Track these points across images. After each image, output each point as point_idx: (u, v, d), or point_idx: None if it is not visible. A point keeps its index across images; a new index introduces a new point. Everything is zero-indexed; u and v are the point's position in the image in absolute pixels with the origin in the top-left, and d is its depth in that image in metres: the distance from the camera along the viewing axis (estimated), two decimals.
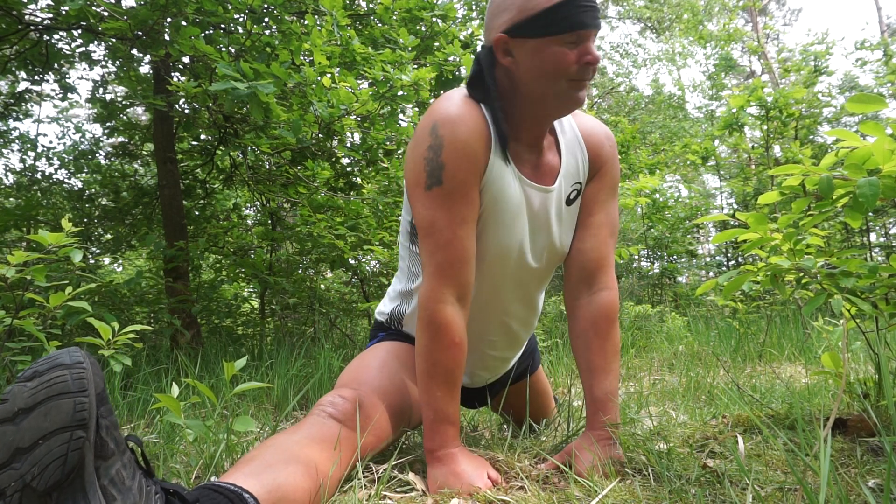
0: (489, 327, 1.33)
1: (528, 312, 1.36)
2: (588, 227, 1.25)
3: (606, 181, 1.27)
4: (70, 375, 0.71)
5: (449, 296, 1.09)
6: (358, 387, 1.16)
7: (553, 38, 1.06)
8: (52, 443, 0.67)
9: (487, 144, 1.12)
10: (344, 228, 3.70)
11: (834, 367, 1.40)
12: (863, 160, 1.06)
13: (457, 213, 1.09)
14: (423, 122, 1.13)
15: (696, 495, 0.91)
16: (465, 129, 1.09)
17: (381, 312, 1.43)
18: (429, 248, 1.11)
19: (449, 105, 1.11)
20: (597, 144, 1.26)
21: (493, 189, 1.13)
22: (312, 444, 1.00)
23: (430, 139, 1.10)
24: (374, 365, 1.24)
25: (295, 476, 0.92)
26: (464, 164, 1.09)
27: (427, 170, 1.10)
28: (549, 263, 1.28)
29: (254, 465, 0.91)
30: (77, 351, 0.75)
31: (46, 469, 0.66)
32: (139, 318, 4.02)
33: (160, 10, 2.55)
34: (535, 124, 1.17)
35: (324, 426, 1.04)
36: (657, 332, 4.52)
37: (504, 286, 1.27)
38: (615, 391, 1.17)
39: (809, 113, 6.74)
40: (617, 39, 39.77)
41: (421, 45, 3.56)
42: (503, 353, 1.42)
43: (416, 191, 1.12)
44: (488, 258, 1.20)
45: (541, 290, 1.35)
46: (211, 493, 0.81)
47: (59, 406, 0.68)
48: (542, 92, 1.10)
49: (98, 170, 5.12)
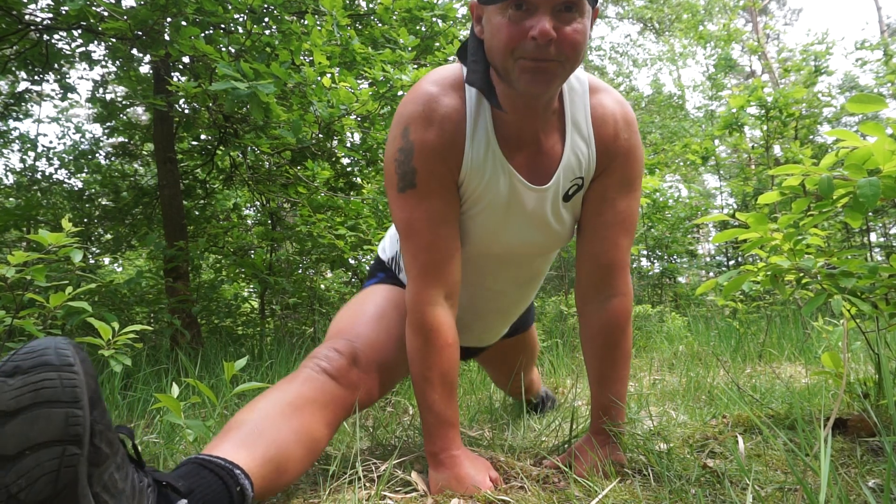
0: (482, 307, 1.32)
1: (526, 291, 1.32)
2: (596, 227, 1.13)
3: (616, 178, 1.11)
4: (60, 381, 0.65)
5: (437, 297, 1.06)
6: (354, 338, 1.12)
7: (495, 6, 0.93)
8: (42, 456, 0.63)
9: (462, 140, 1.04)
10: (344, 228, 3.70)
11: (834, 367, 1.40)
12: (863, 160, 1.06)
13: (435, 212, 1.05)
14: (398, 112, 1.07)
15: (696, 495, 0.91)
16: (435, 131, 1.02)
17: (384, 250, 1.38)
18: (411, 250, 1.07)
19: (421, 99, 1.04)
20: (608, 138, 1.10)
21: (475, 182, 1.07)
22: (305, 405, 0.97)
23: (401, 141, 1.04)
24: (371, 313, 1.20)
25: (287, 445, 0.90)
26: (437, 167, 1.03)
27: (399, 172, 1.05)
28: (547, 250, 1.21)
29: (245, 432, 0.88)
30: (65, 345, 0.68)
31: (36, 483, 0.62)
32: (139, 318, 4.02)
33: (160, 10, 2.55)
34: (521, 105, 1.03)
35: (316, 383, 1.02)
36: (657, 332, 4.52)
37: (498, 277, 1.24)
38: (622, 397, 1.15)
39: (809, 113, 6.74)
40: (617, 39, 39.72)
41: (421, 45, 3.55)
42: (499, 329, 1.42)
43: (391, 192, 1.08)
44: (478, 251, 1.17)
45: (542, 269, 1.30)
46: (201, 472, 0.79)
47: (49, 416, 0.63)
48: (501, 66, 0.96)
49: (98, 170, 5.11)
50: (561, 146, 1.09)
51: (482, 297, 1.30)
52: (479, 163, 1.06)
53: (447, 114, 1.03)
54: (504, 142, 1.07)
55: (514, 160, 1.08)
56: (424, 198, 1.04)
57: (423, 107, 1.03)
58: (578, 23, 0.92)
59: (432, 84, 1.06)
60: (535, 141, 1.08)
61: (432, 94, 1.04)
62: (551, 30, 0.89)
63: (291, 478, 0.93)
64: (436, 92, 1.04)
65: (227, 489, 0.80)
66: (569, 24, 0.91)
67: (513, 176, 1.08)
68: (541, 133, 1.08)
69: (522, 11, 0.91)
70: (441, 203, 1.05)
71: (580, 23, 0.92)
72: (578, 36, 0.92)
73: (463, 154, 1.05)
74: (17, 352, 0.67)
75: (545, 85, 0.95)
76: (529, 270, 1.28)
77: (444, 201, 1.06)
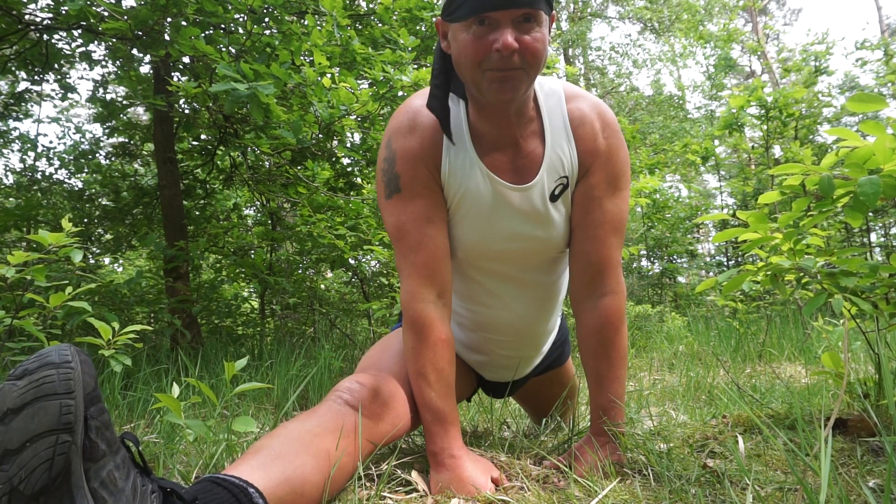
0: (491, 326, 1.30)
1: (533, 310, 1.29)
2: (586, 226, 1.15)
3: (602, 176, 1.13)
4: (58, 375, 0.69)
5: (428, 294, 1.10)
6: (377, 372, 1.13)
7: (459, 23, 1.00)
8: (39, 446, 0.66)
9: (440, 146, 1.11)
10: (344, 228, 3.70)
11: (834, 367, 1.39)
12: (863, 159, 1.06)
13: (420, 213, 1.11)
14: (388, 126, 1.16)
15: (696, 495, 0.91)
16: (414, 139, 1.11)
17: None
18: (402, 250, 1.12)
19: (404, 113, 1.13)
20: (587, 136, 1.13)
21: (454, 186, 1.12)
22: (325, 433, 0.96)
23: (385, 151, 1.14)
24: (395, 349, 1.21)
25: (304, 468, 0.89)
26: (419, 171, 1.10)
27: (384, 180, 1.13)
28: (541, 253, 1.20)
29: (262, 456, 0.88)
30: (66, 348, 0.73)
31: (33, 473, 0.65)
32: (139, 318, 4.02)
33: (160, 10, 2.55)
34: (493, 114, 1.09)
35: (338, 414, 1.01)
36: (657, 332, 4.52)
37: (496, 284, 1.24)
38: (621, 397, 1.15)
39: (809, 113, 6.74)
40: (617, 39, 39.73)
41: (421, 45, 3.56)
42: (518, 352, 1.36)
43: (381, 201, 1.16)
44: (471, 258, 1.18)
45: (549, 284, 1.28)
46: (213, 488, 0.79)
47: (46, 408, 0.67)
48: (470, 79, 1.03)
49: (98, 170, 5.12)
50: (542, 148, 1.13)
51: (491, 315, 1.28)
52: (457, 167, 1.12)
53: (427, 123, 1.11)
54: (481, 148, 1.13)
55: (493, 164, 1.12)
56: (409, 200, 1.11)
57: (407, 119, 1.12)
58: (537, 31, 0.99)
59: (418, 97, 1.15)
60: (514, 145, 1.13)
61: (416, 107, 1.13)
62: (514, 41, 0.96)
63: (309, 501, 0.90)
64: (419, 104, 1.13)
65: None
66: (528, 33, 0.98)
67: (492, 179, 1.11)
68: (519, 138, 1.13)
69: (485, 27, 0.98)
70: (426, 203, 1.11)
71: (539, 31, 0.99)
72: (538, 44, 0.99)
73: (441, 156, 1.12)
74: (28, 359, 0.73)
75: (512, 91, 1.01)
76: (533, 284, 1.25)
77: (430, 202, 1.11)
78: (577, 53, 16.03)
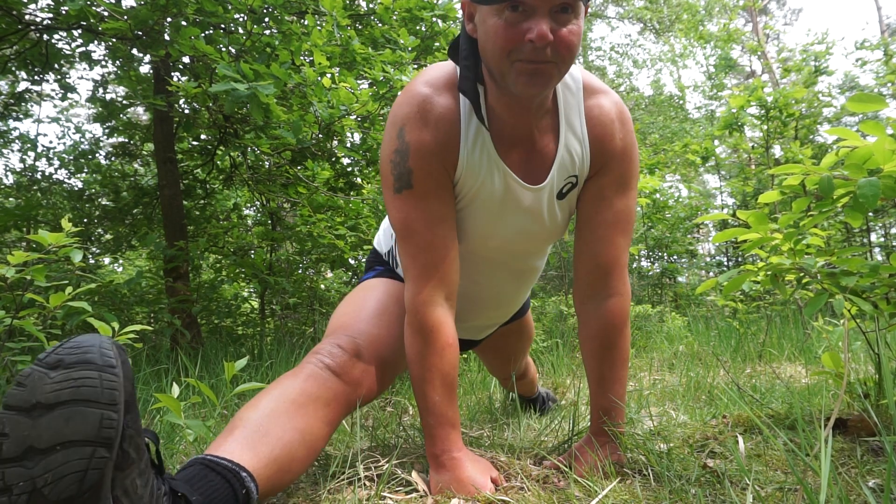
0: (477, 299, 1.32)
1: (517, 287, 1.34)
2: (594, 227, 1.13)
3: (612, 178, 1.11)
4: (101, 381, 0.64)
5: (437, 297, 1.06)
6: (356, 334, 1.13)
7: (490, 7, 0.92)
8: (72, 454, 0.62)
9: (456, 140, 1.04)
10: (344, 228, 3.70)
11: (834, 367, 1.39)
12: (863, 160, 1.06)
13: (432, 212, 1.05)
14: (393, 113, 1.06)
15: (696, 495, 0.91)
16: (431, 132, 1.02)
17: (380, 244, 1.38)
18: (410, 250, 1.06)
19: (414, 99, 1.04)
20: (603, 137, 1.10)
21: (470, 181, 1.07)
22: (308, 403, 0.98)
23: (397, 142, 1.04)
24: (372, 308, 1.20)
25: (291, 446, 0.91)
26: (433, 167, 1.04)
27: (395, 173, 1.05)
28: (541, 246, 1.23)
29: (250, 430, 0.89)
30: (109, 346, 0.67)
31: (62, 480, 0.61)
32: (139, 318, 4.02)
33: (160, 10, 2.55)
34: (514, 103, 1.03)
35: (319, 380, 1.02)
36: (657, 332, 4.52)
37: (494, 273, 1.26)
38: (622, 397, 1.15)
39: (809, 113, 6.74)
40: (617, 39, 39.78)
41: (421, 45, 3.55)
42: (495, 320, 1.44)
43: (387, 193, 1.08)
44: (474, 248, 1.18)
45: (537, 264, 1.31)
46: (209, 475, 0.80)
47: (84, 415, 0.63)
48: (496, 68, 0.96)
49: (98, 170, 5.11)
50: (555, 145, 1.10)
51: (478, 292, 1.31)
52: (474, 162, 1.06)
53: (442, 114, 1.04)
54: (498, 140, 1.08)
55: (508, 159, 1.08)
56: (421, 198, 1.05)
57: (418, 108, 1.04)
58: (574, 24, 0.92)
59: (424, 85, 1.06)
60: (530, 139, 1.09)
61: (426, 94, 1.04)
62: (549, 32, 0.89)
63: (293, 477, 0.94)
64: (429, 93, 1.05)
65: (233, 493, 0.81)
66: (565, 25, 0.91)
67: (507, 175, 1.08)
68: (535, 131, 1.08)
69: (519, 13, 0.90)
70: (438, 203, 1.06)
71: (575, 24, 0.93)
72: (574, 38, 0.93)
73: (458, 153, 1.06)
74: (61, 345, 0.66)
75: (542, 87, 0.95)
76: (524, 266, 1.29)
77: (441, 201, 1.06)
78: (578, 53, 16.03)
